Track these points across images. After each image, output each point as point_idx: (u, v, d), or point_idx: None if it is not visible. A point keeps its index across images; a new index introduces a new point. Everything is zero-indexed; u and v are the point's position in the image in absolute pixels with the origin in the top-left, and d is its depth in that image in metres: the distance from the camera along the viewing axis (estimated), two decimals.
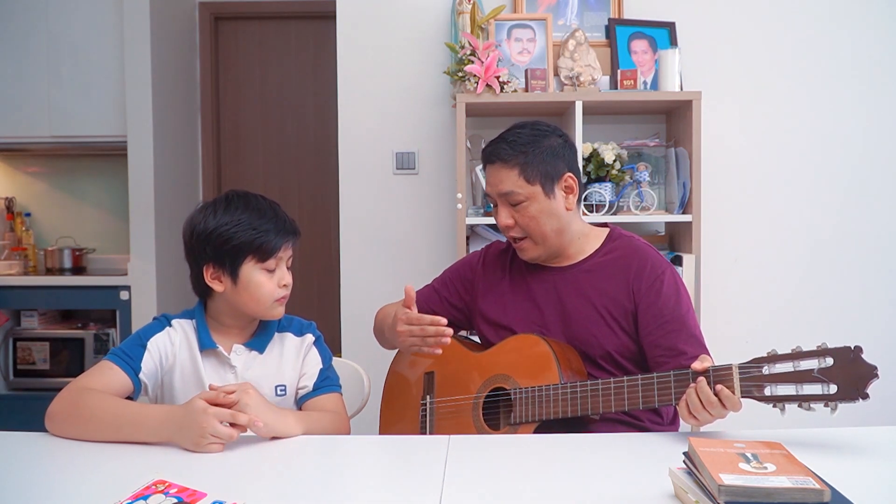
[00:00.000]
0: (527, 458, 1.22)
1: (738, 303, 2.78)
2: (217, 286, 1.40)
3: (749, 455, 0.96)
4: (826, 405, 1.14)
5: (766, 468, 0.93)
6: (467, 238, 2.54)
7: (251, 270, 1.38)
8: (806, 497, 0.87)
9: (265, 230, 1.38)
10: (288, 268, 1.44)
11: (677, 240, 2.63)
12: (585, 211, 2.48)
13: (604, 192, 2.49)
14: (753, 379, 1.19)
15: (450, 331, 1.46)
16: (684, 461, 1.00)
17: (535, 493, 1.03)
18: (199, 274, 1.41)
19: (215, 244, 1.37)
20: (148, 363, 1.38)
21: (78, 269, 3.52)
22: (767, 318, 2.79)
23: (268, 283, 1.39)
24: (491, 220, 2.49)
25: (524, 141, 1.54)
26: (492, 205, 1.62)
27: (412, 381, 1.70)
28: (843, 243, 2.79)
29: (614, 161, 2.48)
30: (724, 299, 2.73)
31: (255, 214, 1.39)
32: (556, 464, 1.19)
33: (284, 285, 1.42)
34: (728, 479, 0.89)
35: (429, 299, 1.75)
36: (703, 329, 1.55)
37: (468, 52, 2.45)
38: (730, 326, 2.72)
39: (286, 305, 1.45)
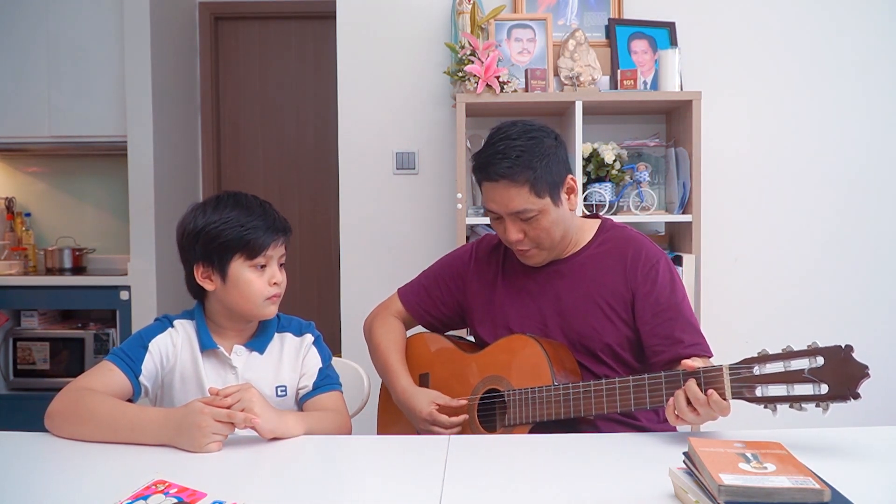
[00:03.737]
0: (527, 458, 1.22)
1: (738, 303, 2.78)
2: (208, 285, 1.39)
3: (749, 455, 0.96)
4: (817, 405, 1.13)
5: (766, 468, 0.93)
6: (467, 238, 2.53)
7: (240, 268, 1.37)
8: (806, 497, 0.87)
9: (253, 227, 1.36)
10: (281, 265, 1.43)
11: (677, 240, 2.63)
12: (585, 211, 2.48)
13: (604, 192, 2.49)
14: (744, 380, 1.19)
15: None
16: (684, 461, 1.00)
17: (534, 494, 1.03)
18: (192, 274, 1.41)
19: (204, 242, 1.37)
20: (148, 365, 1.38)
21: (78, 269, 3.52)
22: (767, 317, 2.79)
23: (257, 280, 1.38)
24: None
25: (527, 152, 1.45)
26: (492, 219, 1.54)
27: None
28: (844, 243, 2.80)
29: (614, 161, 2.48)
30: (724, 299, 2.73)
31: (244, 212, 1.38)
32: (556, 464, 1.19)
33: (275, 283, 1.40)
34: (728, 479, 0.89)
35: (420, 300, 1.72)
36: (702, 329, 1.54)
37: (468, 52, 2.45)
38: (730, 326, 2.72)
39: (286, 305, 1.44)
